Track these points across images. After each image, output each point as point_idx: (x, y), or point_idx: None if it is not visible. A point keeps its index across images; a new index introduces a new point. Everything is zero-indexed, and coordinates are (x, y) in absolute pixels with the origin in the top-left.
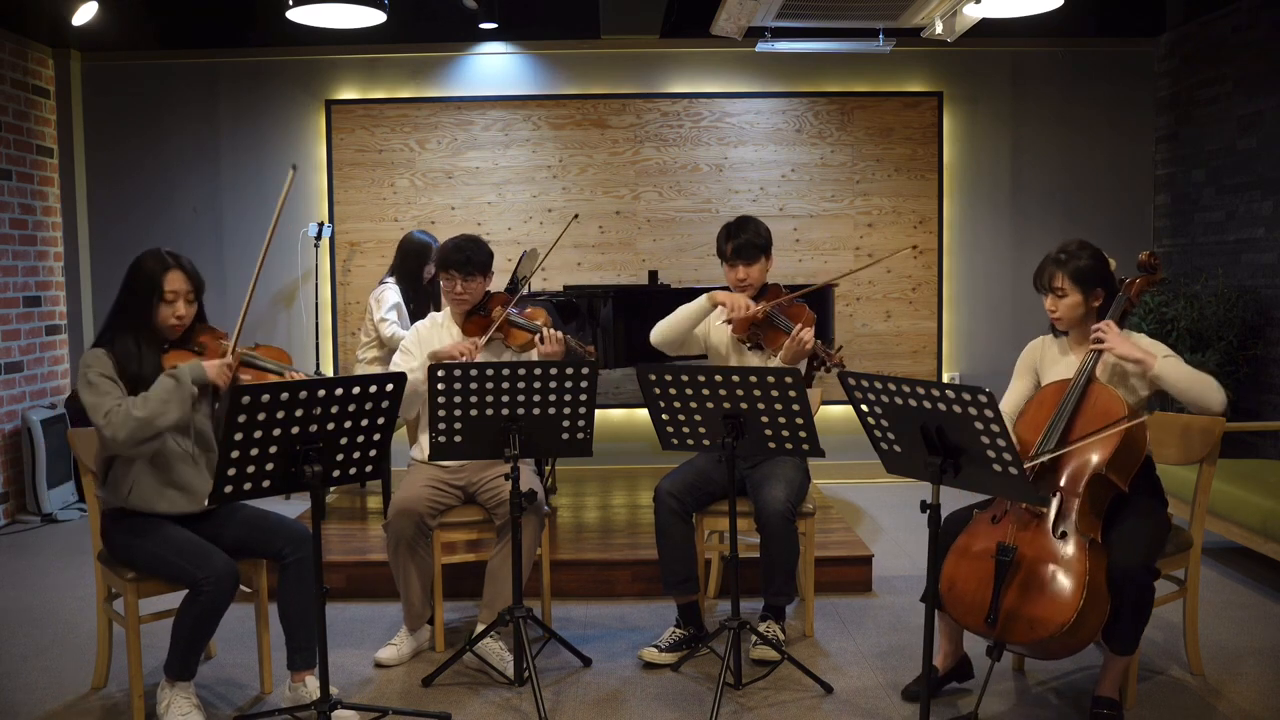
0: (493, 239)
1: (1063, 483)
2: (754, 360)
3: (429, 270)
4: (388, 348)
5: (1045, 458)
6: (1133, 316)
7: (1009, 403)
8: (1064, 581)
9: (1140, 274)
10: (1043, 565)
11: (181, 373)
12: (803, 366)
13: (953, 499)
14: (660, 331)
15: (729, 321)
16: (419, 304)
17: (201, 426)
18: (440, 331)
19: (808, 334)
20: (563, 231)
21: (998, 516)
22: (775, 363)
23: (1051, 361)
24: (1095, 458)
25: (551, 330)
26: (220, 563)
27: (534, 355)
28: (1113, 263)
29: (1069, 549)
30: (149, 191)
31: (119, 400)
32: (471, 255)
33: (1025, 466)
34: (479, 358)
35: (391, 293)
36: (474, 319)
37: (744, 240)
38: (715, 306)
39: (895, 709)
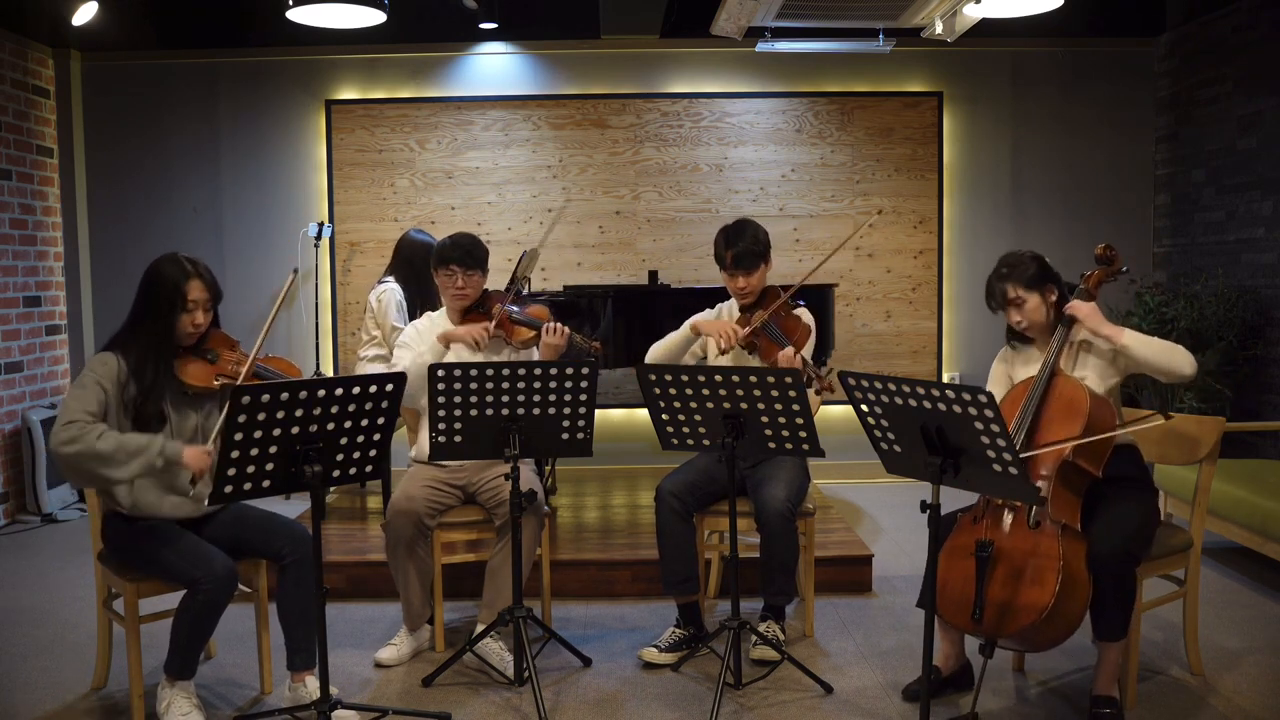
0: (493, 239)
1: (1035, 472)
2: (756, 364)
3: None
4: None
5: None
6: (1133, 317)
7: None
8: (1038, 568)
9: (1098, 266)
10: (1019, 555)
11: (159, 444)
12: None
13: (952, 499)
14: (651, 357)
15: (721, 352)
16: (424, 304)
17: (210, 432)
18: (437, 330)
19: (790, 353)
20: (552, 225)
21: (978, 516)
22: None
23: (1021, 364)
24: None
25: (554, 323)
26: (219, 562)
27: (535, 353)
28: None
29: (1044, 537)
30: (149, 191)
31: (91, 418)
32: (471, 249)
33: (1034, 453)
34: (478, 358)
35: (394, 292)
36: (472, 316)
37: (742, 249)
38: (698, 335)
39: (895, 709)
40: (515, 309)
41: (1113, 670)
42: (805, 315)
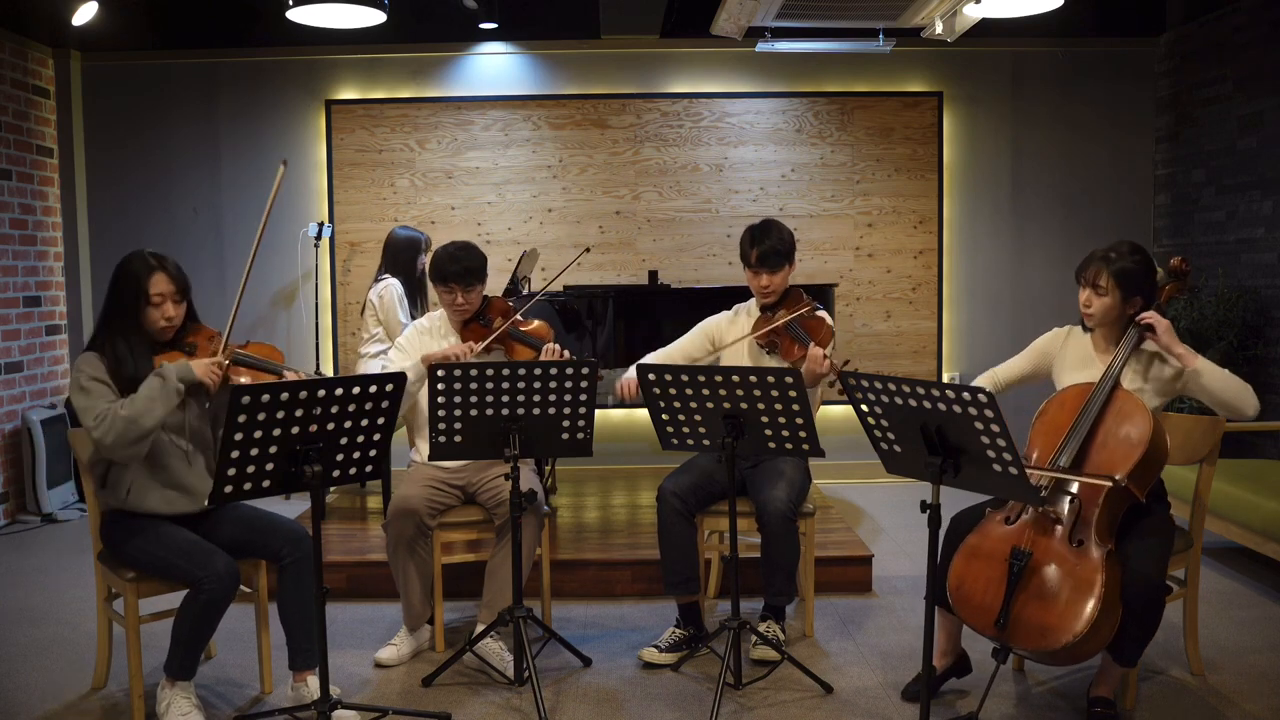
0: (493, 239)
1: (1081, 491)
2: (773, 364)
3: (423, 261)
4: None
5: (1058, 475)
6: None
7: (1001, 370)
8: (1079, 592)
9: (1170, 280)
10: (1058, 573)
11: (167, 371)
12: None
13: (955, 499)
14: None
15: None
16: (415, 298)
17: (196, 424)
18: (438, 337)
19: (819, 353)
20: (574, 260)
21: (1011, 518)
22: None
23: (1075, 360)
24: (1118, 467)
25: (554, 347)
26: (220, 562)
27: None
28: (1160, 272)
29: (1086, 559)
30: (149, 191)
31: (109, 404)
32: (470, 266)
33: (1039, 472)
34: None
35: (395, 288)
36: (473, 326)
37: (768, 247)
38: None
39: (895, 709)
40: (519, 322)
41: (1116, 678)
42: (828, 319)
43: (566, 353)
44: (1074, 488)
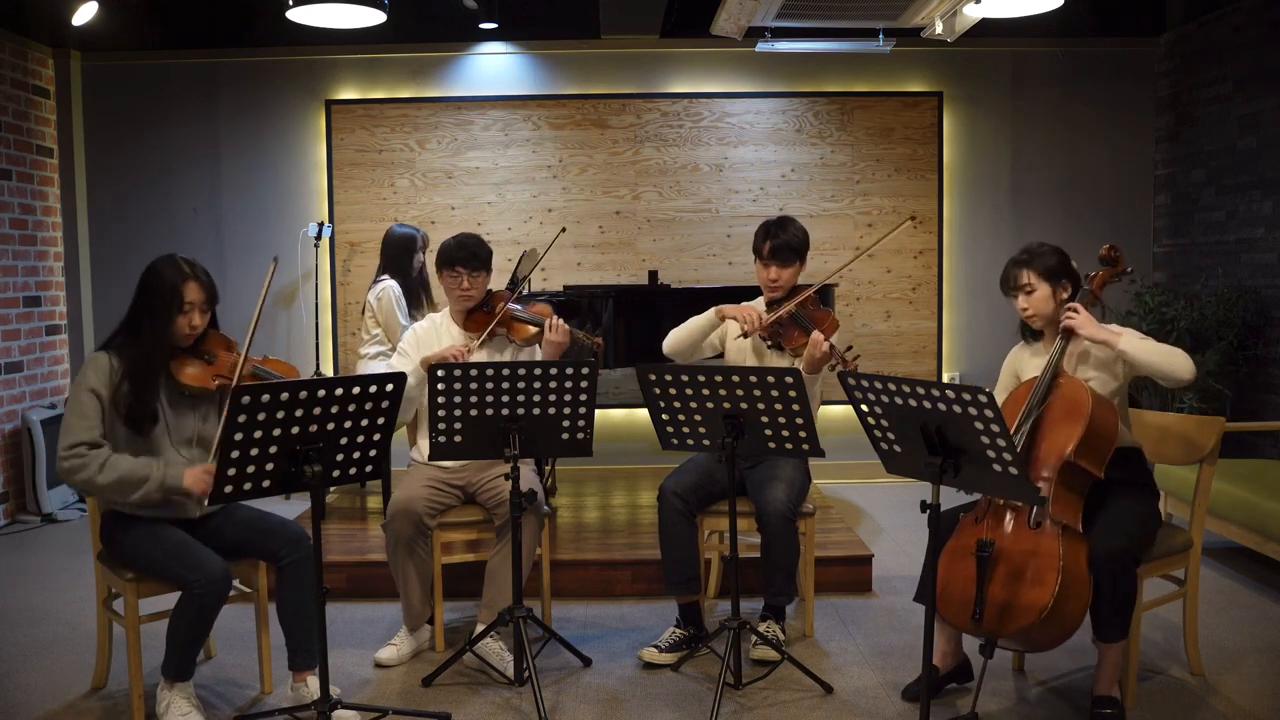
0: (493, 239)
1: (1036, 472)
2: (775, 362)
3: (419, 260)
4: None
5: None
6: (1134, 317)
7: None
8: (1040, 568)
9: (1102, 267)
10: (1019, 555)
11: (162, 473)
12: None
13: (952, 499)
14: (671, 342)
15: (744, 335)
16: (411, 297)
17: (207, 433)
18: (439, 333)
19: (819, 337)
20: (551, 241)
21: (979, 516)
22: (797, 364)
23: (1029, 361)
24: (1063, 445)
25: (557, 319)
26: (212, 565)
27: (538, 350)
28: (1074, 262)
29: (1044, 537)
30: (149, 191)
31: (93, 437)
32: (476, 251)
33: None
34: (480, 356)
35: (392, 289)
36: (476, 316)
37: (781, 241)
38: (723, 320)
39: (895, 709)
40: (518, 307)
41: (1113, 671)
42: (833, 314)
43: (567, 326)
44: (1035, 470)
